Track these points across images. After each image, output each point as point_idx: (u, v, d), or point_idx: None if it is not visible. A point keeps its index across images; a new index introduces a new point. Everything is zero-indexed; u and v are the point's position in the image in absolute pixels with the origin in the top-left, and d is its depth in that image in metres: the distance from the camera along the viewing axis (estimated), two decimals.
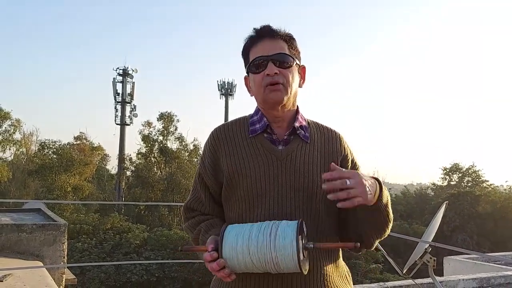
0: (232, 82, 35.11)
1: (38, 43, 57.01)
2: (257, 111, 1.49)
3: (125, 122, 34.65)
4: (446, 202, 3.57)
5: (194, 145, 31.85)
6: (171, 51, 61.87)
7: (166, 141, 29.95)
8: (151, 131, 29.91)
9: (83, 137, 33.19)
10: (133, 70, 34.98)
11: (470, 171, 35.40)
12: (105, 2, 58.52)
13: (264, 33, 1.43)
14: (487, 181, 34.47)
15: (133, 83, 35.12)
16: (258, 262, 1.18)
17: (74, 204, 23.40)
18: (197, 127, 66.60)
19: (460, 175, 35.71)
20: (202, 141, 43.43)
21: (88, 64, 58.71)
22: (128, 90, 34.92)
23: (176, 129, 30.28)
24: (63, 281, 6.69)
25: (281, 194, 1.36)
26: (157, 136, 29.93)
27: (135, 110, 35.01)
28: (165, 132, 29.77)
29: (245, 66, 1.49)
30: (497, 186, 34.45)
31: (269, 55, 1.39)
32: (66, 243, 6.77)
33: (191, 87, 61.09)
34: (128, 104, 34.90)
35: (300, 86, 1.47)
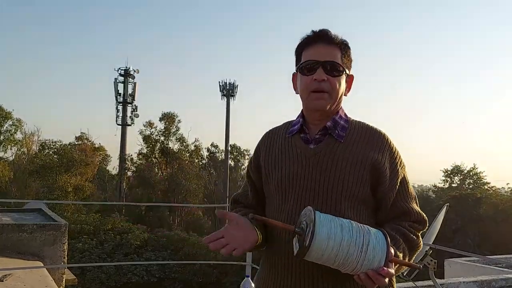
0: (233, 83, 35.00)
1: (40, 43, 57.05)
2: (300, 113, 1.53)
3: (127, 122, 34.60)
4: (447, 204, 3.57)
5: (195, 146, 31.88)
6: (173, 52, 61.88)
7: (168, 142, 29.97)
8: (152, 132, 29.93)
9: (84, 137, 33.23)
10: (134, 71, 34.97)
11: (471, 173, 35.37)
12: (107, 2, 58.61)
13: (320, 37, 1.44)
14: (489, 183, 34.45)
15: (135, 83, 35.10)
16: (337, 264, 1.22)
17: (75, 204, 23.41)
18: (198, 128, 66.54)
19: (461, 177, 35.68)
20: (203, 141, 43.39)
21: (90, 64, 58.69)
22: (130, 91, 34.88)
23: (177, 130, 30.31)
24: (63, 281, 6.67)
25: (307, 190, 1.39)
26: (159, 137, 29.95)
27: (136, 111, 34.98)
28: (167, 132, 29.78)
29: (296, 64, 1.51)
30: (499, 189, 34.41)
31: (321, 61, 1.40)
32: (66, 243, 6.75)
33: (192, 88, 61.09)
34: (129, 105, 34.86)
35: (345, 94, 1.48)
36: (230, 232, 1.34)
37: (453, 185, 34.81)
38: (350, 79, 1.50)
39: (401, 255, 1.32)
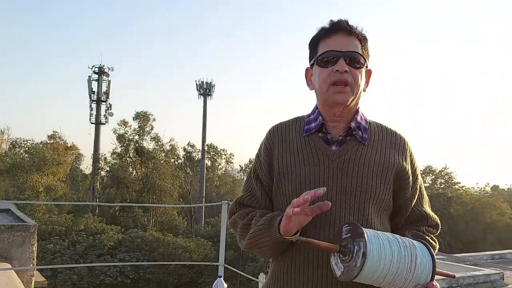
0: (210, 82, 34.85)
1: (10, 39, 55.49)
2: (314, 110, 1.43)
3: (100, 121, 34.00)
4: None
5: (170, 145, 31.60)
6: (149, 50, 61.18)
7: (142, 141, 29.62)
8: (126, 131, 29.51)
9: (57, 136, 32.53)
10: (109, 68, 34.43)
11: (443, 173, 36.31)
12: None
13: (340, 27, 1.34)
14: (459, 183, 35.45)
15: (109, 81, 34.54)
16: (384, 283, 1.17)
17: (46, 204, 22.88)
18: (174, 127, 65.99)
19: (433, 177, 36.58)
20: (179, 141, 43.01)
21: (63, 61, 57.43)
22: (104, 89, 34.30)
23: (152, 129, 29.97)
24: (32, 283, 6.52)
25: (331, 195, 1.30)
26: (133, 136, 29.56)
27: (110, 109, 34.44)
28: (141, 131, 29.43)
29: (311, 57, 1.41)
30: (469, 188, 35.43)
31: (342, 51, 1.31)
32: (35, 244, 6.61)
33: (169, 87, 60.52)
34: (103, 103, 34.29)
35: (364, 90, 1.39)
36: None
37: (425, 185, 35.64)
38: (368, 73, 1.41)
39: None
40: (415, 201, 1.41)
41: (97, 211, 25.39)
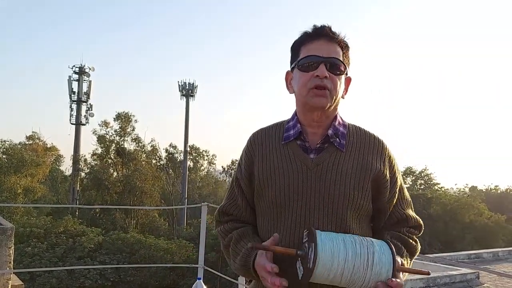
0: (193, 83, 34.66)
1: None
2: (293, 115, 1.43)
3: (81, 122, 33.52)
4: None
5: (152, 146, 31.31)
6: (131, 50, 60.63)
7: (123, 142, 29.27)
8: (107, 132, 29.13)
9: (36, 136, 32.00)
10: (90, 68, 33.97)
11: (423, 174, 36.88)
12: None
13: (323, 33, 1.35)
14: (439, 183, 36.06)
15: (90, 81, 34.10)
16: (345, 282, 1.18)
17: (24, 206, 22.44)
18: (156, 128, 65.51)
19: (413, 178, 37.12)
20: (161, 142, 42.70)
21: (42, 61, 56.49)
22: (85, 89, 33.84)
23: (133, 130, 29.65)
24: (9, 287, 6.39)
25: (309, 204, 1.31)
26: (114, 137, 29.17)
27: (91, 110, 33.99)
28: (122, 132, 29.08)
29: (292, 61, 1.42)
30: (447, 189, 36.06)
31: (324, 57, 1.32)
32: (13, 247, 6.48)
33: (151, 87, 60.13)
34: (84, 103, 33.83)
35: (342, 97, 1.40)
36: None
37: (405, 186, 36.18)
38: (347, 81, 1.42)
39: (405, 262, 1.32)
40: (394, 203, 1.42)
41: (77, 213, 25.01)
